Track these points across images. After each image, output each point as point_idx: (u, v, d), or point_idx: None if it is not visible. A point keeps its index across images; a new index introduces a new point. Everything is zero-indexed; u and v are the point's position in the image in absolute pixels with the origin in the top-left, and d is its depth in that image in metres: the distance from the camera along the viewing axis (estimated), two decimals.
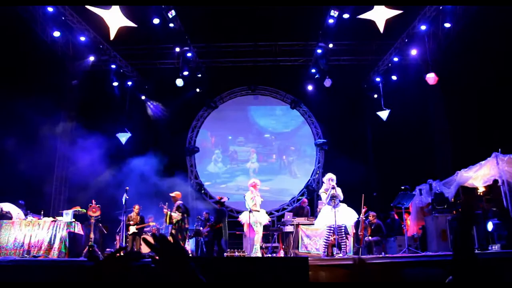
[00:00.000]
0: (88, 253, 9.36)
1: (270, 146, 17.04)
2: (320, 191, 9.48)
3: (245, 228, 10.19)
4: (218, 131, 17.11)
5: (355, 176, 12.75)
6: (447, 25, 12.37)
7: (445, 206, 11.11)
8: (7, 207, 10.60)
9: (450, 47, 12.97)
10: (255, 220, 9.85)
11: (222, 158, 16.96)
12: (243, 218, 10.18)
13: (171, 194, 10.90)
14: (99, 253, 9.87)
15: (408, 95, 14.04)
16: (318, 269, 7.47)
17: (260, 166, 16.85)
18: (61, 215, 10.82)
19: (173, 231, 10.44)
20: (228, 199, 12.40)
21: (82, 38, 12.90)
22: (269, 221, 10.86)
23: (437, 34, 13.14)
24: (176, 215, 10.47)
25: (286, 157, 16.93)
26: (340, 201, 9.18)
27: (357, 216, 9.71)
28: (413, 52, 13.39)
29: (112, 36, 11.37)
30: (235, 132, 17.16)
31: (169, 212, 10.51)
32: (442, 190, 11.52)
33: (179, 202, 10.73)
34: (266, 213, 14.90)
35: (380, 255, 9.35)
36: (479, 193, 11.37)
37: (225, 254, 9.89)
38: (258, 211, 9.95)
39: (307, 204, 13.01)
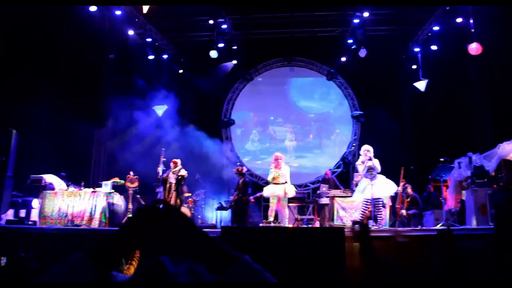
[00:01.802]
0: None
1: (308, 126, 16.95)
2: (357, 163, 9.42)
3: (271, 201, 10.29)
4: (258, 111, 17.14)
5: (392, 149, 12.57)
6: None
7: (485, 180, 10.84)
8: (50, 178, 10.97)
9: (495, 15, 12.42)
10: (271, 192, 9.92)
11: (259, 138, 16.98)
12: (265, 191, 10.30)
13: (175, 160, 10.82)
14: None
15: (447, 66, 13.64)
16: (354, 240, 7.47)
17: (297, 144, 16.83)
18: (100, 186, 11.11)
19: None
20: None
21: (118, 12, 12.97)
22: (295, 194, 10.84)
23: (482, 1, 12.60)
24: (185, 173, 10.53)
25: (323, 135, 16.83)
26: (378, 173, 9.10)
27: (396, 188, 9.61)
28: (459, 20, 12.86)
29: (145, 10, 11.40)
30: (273, 111, 17.12)
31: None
32: (482, 163, 11.22)
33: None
34: (301, 186, 14.99)
35: (417, 228, 9.25)
36: None
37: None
38: (277, 183, 9.98)
39: (333, 174, 12.96)
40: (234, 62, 15.80)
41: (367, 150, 9.18)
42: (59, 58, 12.30)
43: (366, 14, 13.47)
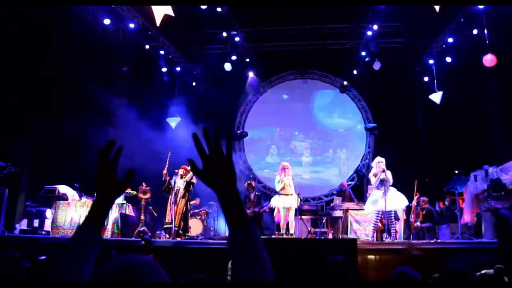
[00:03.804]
0: (141, 238, 9.58)
1: (326, 141, 16.89)
2: (370, 174, 9.34)
3: (275, 212, 10.21)
4: (274, 125, 17.23)
5: (407, 162, 12.44)
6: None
7: (502, 193, 10.67)
8: (63, 189, 11.03)
9: (510, 26, 12.30)
10: (281, 203, 9.86)
11: (277, 152, 17.01)
12: (272, 202, 10.22)
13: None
14: (150, 234, 10.09)
15: (462, 78, 13.54)
16: (367, 252, 7.38)
17: (314, 159, 16.83)
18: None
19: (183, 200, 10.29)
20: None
21: (131, 25, 13.09)
22: (307, 205, 10.76)
23: (496, 12, 12.48)
24: (194, 180, 10.39)
25: (340, 151, 16.78)
26: (390, 185, 9.00)
27: (407, 202, 9.50)
28: (474, 31, 12.73)
29: (158, 22, 11.48)
30: (289, 124, 17.17)
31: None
32: (498, 176, 11.05)
33: None
34: (314, 198, 14.90)
35: (432, 241, 9.11)
36: None
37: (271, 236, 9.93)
38: (287, 194, 9.90)
39: (348, 186, 12.85)
40: (251, 74, 15.83)
41: (380, 162, 9.11)
42: (73, 70, 12.42)
43: (375, 27, 13.44)
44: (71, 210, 10.31)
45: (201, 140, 1.39)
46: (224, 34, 14.06)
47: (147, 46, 14.12)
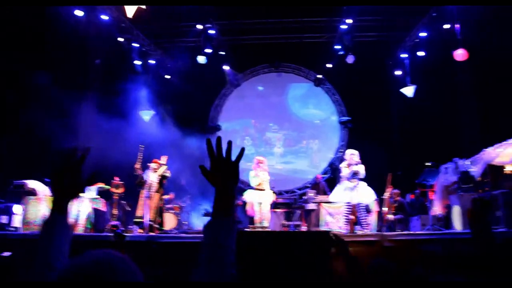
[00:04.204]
0: (113, 232, 9.47)
1: (300, 132, 16.96)
2: (341, 165, 9.38)
3: (248, 207, 10.20)
4: (248, 117, 17.26)
5: (380, 155, 12.57)
6: None
7: (471, 185, 10.88)
8: (33, 184, 10.78)
9: (481, 22, 12.49)
10: (255, 198, 9.86)
11: (252, 143, 17.03)
12: (246, 196, 10.20)
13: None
14: (122, 229, 10.00)
15: (435, 72, 13.71)
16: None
17: (287, 150, 16.91)
18: (85, 191, 10.95)
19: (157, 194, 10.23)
20: None
21: (104, 17, 12.88)
22: (281, 198, 10.78)
23: (467, 8, 12.67)
24: (168, 174, 10.33)
25: (312, 142, 16.85)
26: (361, 179, 9.07)
27: (375, 196, 9.60)
28: (446, 26, 12.91)
29: (130, 14, 11.32)
30: (264, 116, 17.23)
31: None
32: (468, 168, 11.26)
33: None
34: (288, 191, 14.96)
35: (403, 232, 9.23)
36: (505, 172, 11.10)
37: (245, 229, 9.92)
38: (262, 190, 9.91)
39: (323, 179, 12.93)
40: (227, 68, 15.77)
41: (352, 154, 9.17)
42: (44, 61, 12.16)
43: (349, 21, 13.54)
44: (43, 206, 10.07)
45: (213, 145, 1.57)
46: (199, 26, 13.97)
47: (120, 39, 13.92)
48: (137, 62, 14.67)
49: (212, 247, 1.38)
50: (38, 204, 10.09)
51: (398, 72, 15.02)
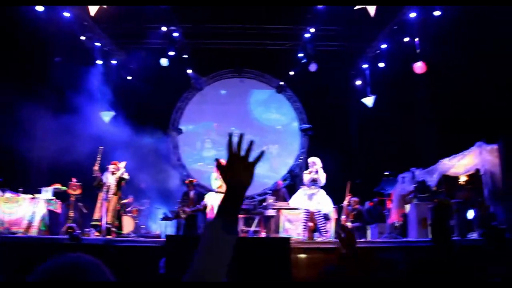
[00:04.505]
0: (68, 234, 9.25)
1: (262, 137, 16.97)
2: (304, 172, 9.49)
3: (208, 209, 10.13)
4: (210, 120, 17.23)
5: (340, 163, 12.74)
6: (437, 13, 12.24)
7: (427, 195, 11.18)
8: None
9: (440, 36, 12.88)
10: (215, 202, 9.82)
11: (212, 146, 17.00)
12: (207, 199, 10.16)
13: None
14: (79, 232, 9.77)
15: (394, 83, 14.03)
16: (299, 251, 7.50)
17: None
18: (40, 192, 10.64)
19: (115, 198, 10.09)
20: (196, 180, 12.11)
21: (66, 14, 12.59)
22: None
23: (428, 22, 13.02)
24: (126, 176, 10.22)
25: (272, 146, 16.91)
26: (320, 187, 9.19)
27: (333, 206, 9.74)
28: (406, 39, 13.22)
29: (92, 12, 11.11)
30: (225, 120, 17.18)
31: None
32: (424, 178, 11.57)
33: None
34: (248, 197, 14.94)
35: (361, 240, 9.38)
36: (459, 182, 11.47)
37: None
38: (220, 192, 9.87)
39: (283, 186, 13.00)
40: (189, 71, 15.70)
41: (313, 162, 9.28)
42: (3, 57, 11.79)
43: (312, 30, 13.73)
44: None
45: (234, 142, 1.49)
46: (164, 28, 13.87)
47: (82, 37, 13.62)
48: (99, 62, 14.38)
49: (208, 248, 1.34)
50: None
51: (358, 82, 15.31)
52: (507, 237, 7.47)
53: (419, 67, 12.56)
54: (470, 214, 9.07)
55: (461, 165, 10.80)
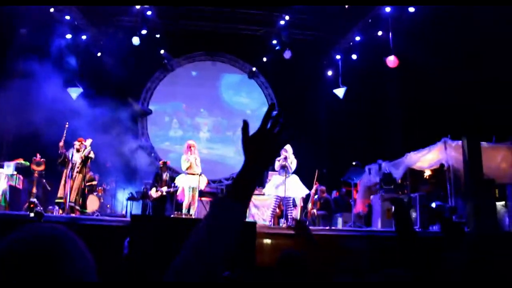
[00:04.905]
0: (29, 209, 9.02)
1: (230, 120, 16.96)
2: (277, 159, 9.49)
3: (179, 191, 10.06)
4: (180, 101, 17.14)
5: (308, 152, 12.81)
6: (411, 9, 12.39)
7: (392, 186, 11.40)
8: None
9: (413, 31, 13.03)
10: (186, 183, 9.77)
11: (179, 126, 16.91)
12: (177, 181, 10.08)
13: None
14: (41, 209, 9.55)
15: (366, 76, 14.16)
16: (264, 236, 7.53)
17: (214, 136, 16.89)
18: (2, 167, 10.35)
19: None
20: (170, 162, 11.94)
21: None
22: (208, 187, 10.70)
23: (401, 17, 13.16)
24: (92, 155, 10.07)
25: (239, 130, 16.87)
26: (291, 173, 9.23)
27: (307, 191, 9.80)
28: (379, 33, 13.33)
29: None
30: (195, 101, 17.19)
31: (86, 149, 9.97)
32: (390, 170, 11.77)
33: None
34: (215, 181, 14.92)
35: (326, 228, 9.48)
36: (424, 176, 11.73)
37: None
38: (193, 174, 9.80)
39: None
40: (162, 51, 15.49)
41: (284, 150, 9.30)
42: None
43: (287, 18, 13.73)
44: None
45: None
46: (137, 6, 13.59)
47: (51, 9, 13.22)
48: (68, 36, 13.98)
49: (212, 231, 1.16)
50: None
51: (330, 73, 15.38)
52: (466, 231, 7.70)
53: (391, 61, 12.69)
54: (433, 206, 9.30)
55: (426, 159, 11.04)
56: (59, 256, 0.96)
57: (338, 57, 15.09)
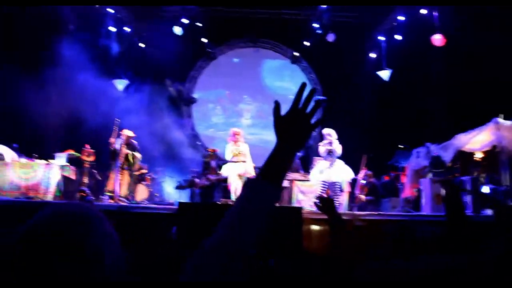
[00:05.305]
0: (81, 198, 9.34)
1: (271, 104, 16.87)
2: (320, 143, 9.42)
3: (229, 180, 10.09)
4: (225, 88, 17.26)
5: (354, 136, 12.64)
6: None
7: (442, 170, 11.08)
8: (0, 149, 10.47)
9: (460, 8, 12.55)
10: (232, 171, 9.78)
11: (222, 113, 17.08)
12: (223, 170, 10.12)
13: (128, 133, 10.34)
14: (93, 198, 9.86)
15: (411, 56, 13.78)
16: (311, 222, 7.49)
17: (257, 122, 16.89)
18: (54, 158, 10.70)
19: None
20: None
21: None
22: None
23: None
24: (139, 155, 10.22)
25: None
26: (337, 158, 9.13)
27: (353, 175, 9.68)
28: (422, 11, 12.92)
29: None
30: (239, 89, 17.27)
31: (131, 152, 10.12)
32: (439, 153, 11.45)
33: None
34: (259, 167, 14.92)
35: (375, 213, 9.35)
36: (475, 159, 11.35)
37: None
38: (237, 162, 9.80)
39: (297, 157, 12.98)
40: (204, 40, 15.59)
41: (328, 134, 9.21)
42: (17, 24, 11.77)
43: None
44: (10, 171, 9.83)
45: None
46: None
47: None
48: (112, 29, 14.26)
49: (244, 212, 1.14)
50: (6, 170, 9.83)
51: (373, 55, 15.06)
52: None
53: (438, 39, 12.29)
54: (485, 190, 8.98)
55: (477, 140, 10.66)
56: (84, 232, 0.99)
57: (381, 38, 14.74)
